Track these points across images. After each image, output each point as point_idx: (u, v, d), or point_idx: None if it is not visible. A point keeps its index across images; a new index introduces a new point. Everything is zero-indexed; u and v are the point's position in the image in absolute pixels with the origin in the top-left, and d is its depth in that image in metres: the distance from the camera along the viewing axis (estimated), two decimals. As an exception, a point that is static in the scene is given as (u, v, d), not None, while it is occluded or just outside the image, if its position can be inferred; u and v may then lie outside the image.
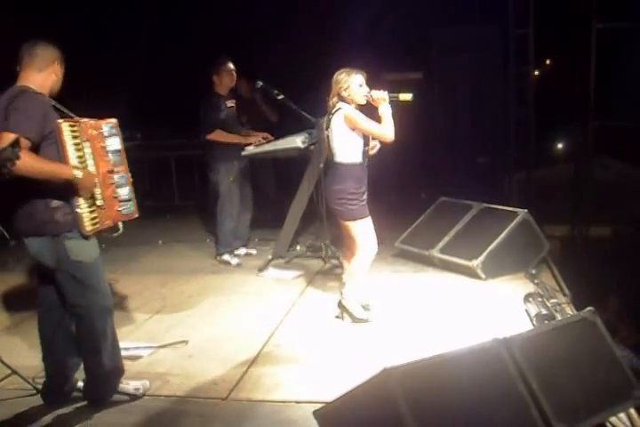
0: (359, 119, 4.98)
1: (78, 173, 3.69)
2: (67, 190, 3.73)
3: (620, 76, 9.13)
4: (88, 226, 3.78)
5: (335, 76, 5.06)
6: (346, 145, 5.05)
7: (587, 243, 7.84)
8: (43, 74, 3.83)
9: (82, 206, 3.76)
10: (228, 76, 6.84)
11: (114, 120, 3.95)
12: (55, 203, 3.75)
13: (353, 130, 5.01)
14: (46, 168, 3.63)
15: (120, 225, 4.02)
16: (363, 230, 5.12)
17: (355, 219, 5.09)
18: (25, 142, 3.52)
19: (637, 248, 7.42)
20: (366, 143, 5.09)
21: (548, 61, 13.43)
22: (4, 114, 3.58)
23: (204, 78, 6.88)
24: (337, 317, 5.35)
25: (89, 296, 3.92)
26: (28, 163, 3.48)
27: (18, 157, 3.30)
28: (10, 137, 3.46)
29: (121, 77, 9.27)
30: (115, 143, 3.93)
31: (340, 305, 5.32)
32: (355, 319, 5.25)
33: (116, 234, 4.02)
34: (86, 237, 3.82)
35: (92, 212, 3.80)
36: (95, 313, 3.96)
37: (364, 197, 5.12)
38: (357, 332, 5.11)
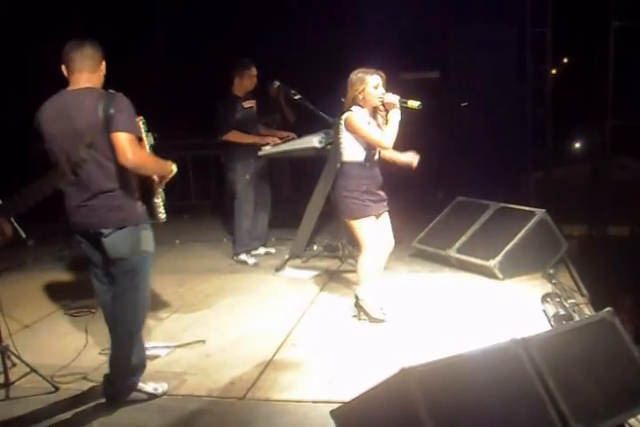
0: (358, 125, 4.91)
1: (174, 168, 4.05)
2: (147, 183, 4.00)
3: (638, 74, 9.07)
4: (162, 214, 4.12)
5: (351, 77, 4.98)
6: (349, 145, 5.00)
7: (605, 242, 7.81)
8: (95, 75, 3.93)
9: (158, 196, 4.09)
10: (249, 79, 6.86)
11: (141, 117, 4.05)
12: (137, 195, 3.96)
13: (352, 133, 4.96)
14: (158, 164, 4.01)
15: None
16: (364, 230, 5.06)
17: (355, 217, 5.04)
18: (136, 140, 3.78)
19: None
20: (372, 146, 5.02)
21: (565, 60, 13.36)
22: (103, 115, 3.71)
23: (220, 78, 6.90)
24: (354, 316, 5.33)
25: (141, 288, 4.06)
26: (147, 159, 3.90)
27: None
28: (124, 137, 3.71)
29: (137, 77, 9.31)
30: (148, 138, 4.09)
31: (357, 305, 5.30)
32: (372, 319, 5.23)
33: (161, 221, 4.17)
34: (152, 228, 4.09)
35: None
36: (141, 306, 4.12)
37: (367, 196, 5.03)
38: (374, 332, 5.10)
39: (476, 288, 6.01)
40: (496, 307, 5.48)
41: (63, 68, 3.91)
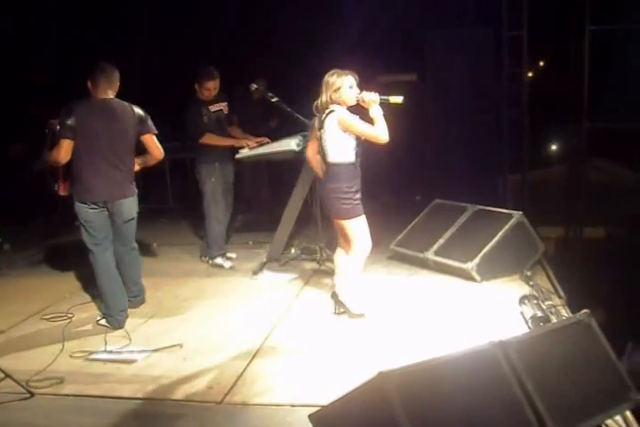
0: (353, 122, 4.99)
1: None
2: None
3: (613, 77, 9.15)
4: None
5: (326, 78, 5.07)
6: (339, 146, 5.05)
7: (581, 244, 7.85)
8: (114, 91, 5.34)
9: None
10: (206, 92, 6.77)
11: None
12: None
13: (345, 131, 5.01)
14: None
15: None
16: (357, 229, 5.15)
17: (348, 217, 5.11)
18: None
19: (631, 249, 7.44)
20: (359, 144, 5.08)
21: (541, 63, 13.45)
22: (138, 119, 5.35)
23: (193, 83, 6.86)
24: (334, 313, 5.40)
25: None
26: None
27: None
28: (155, 137, 5.48)
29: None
30: None
31: (337, 301, 5.39)
32: (352, 315, 5.30)
33: None
34: None
35: None
36: None
37: (357, 195, 5.13)
38: (353, 335, 5.09)
39: (453, 291, 6.02)
40: (474, 309, 5.49)
41: (90, 82, 5.24)
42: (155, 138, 5.49)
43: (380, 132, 4.99)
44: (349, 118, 5.00)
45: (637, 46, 8.62)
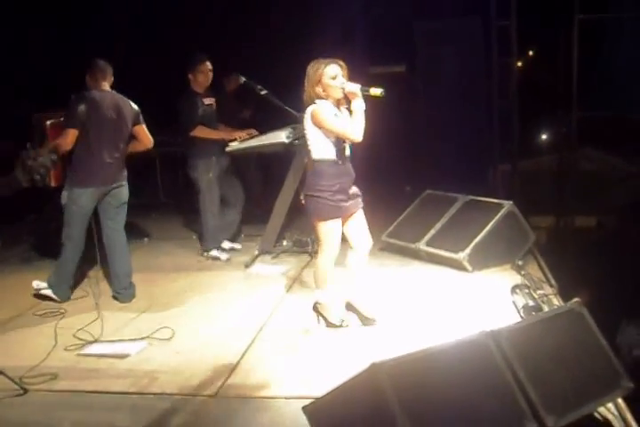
0: (323, 116, 4.63)
1: None
2: None
3: (602, 66, 9.16)
4: None
5: (307, 70, 4.72)
6: (318, 141, 4.75)
7: (572, 233, 7.88)
8: (109, 85, 5.67)
9: None
10: (202, 76, 6.75)
11: None
12: None
13: (320, 127, 4.69)
14: None
15: None
16: (327, 231, 4.81)
17: (321, 218, 4.79)
18: None
19: (621, 237, 7.47)
20: (341, 140, 4.76)
21: (530, 53, 13.46)
22: (134, 111, 5.74)
23: (184, 74, 6.83)
24: (314, 321, 5.18)
25: None
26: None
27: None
28: (145, 127, 5.84)
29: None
30: None
31: (315, 309, 5.18)
32: (329, 324, 5.09)
33: None
34: None
35: None
36: None
37: (338, 196, 4.74)
38: (345, 327, 5.10)
39: (445, 281, 6.04)
40: (466, 299, 5.51)
41: (90, 77, 5.58)
42: (145, 128, 5.85)
43: (351, 129, 4.61)
44: (320, 112, 4.64)
45: (626, 35, 8.63)
